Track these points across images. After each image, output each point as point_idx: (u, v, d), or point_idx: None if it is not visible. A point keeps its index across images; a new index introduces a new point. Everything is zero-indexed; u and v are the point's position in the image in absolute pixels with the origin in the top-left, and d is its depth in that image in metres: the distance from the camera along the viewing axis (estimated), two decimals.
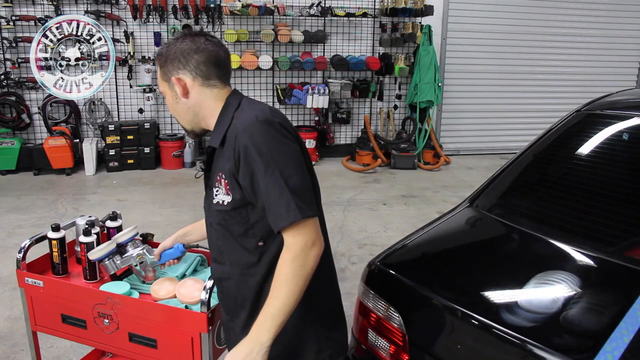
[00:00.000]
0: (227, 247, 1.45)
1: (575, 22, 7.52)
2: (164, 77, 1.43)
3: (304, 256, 1.27)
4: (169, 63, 1.40)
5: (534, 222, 1.83)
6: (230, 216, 1.39)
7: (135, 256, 1.84)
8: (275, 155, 1.27)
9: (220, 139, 1.38)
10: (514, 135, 7.46)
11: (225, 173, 1.36)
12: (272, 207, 1.28)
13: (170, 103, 1.45)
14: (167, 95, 1.45)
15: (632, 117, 1.96)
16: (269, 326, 1.26)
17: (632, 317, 1.25)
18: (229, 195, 1.37)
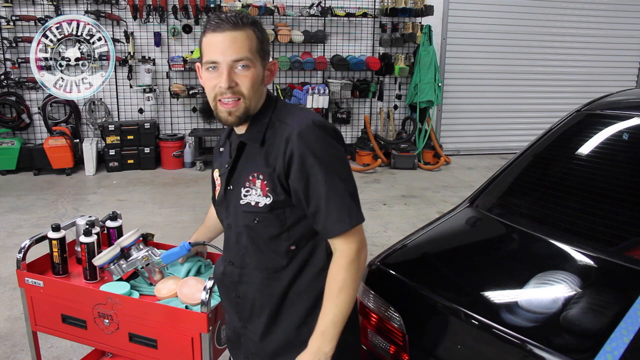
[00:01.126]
0: (253, 250, 1.39)
1: (575, 22, 7.52)
2: (261, 52, 1.31)
3: (358, 260, 1.29)
4: (266, 43, 1.33)
5: (534, 222, 1.83)
6: (265, 218, 1.34)
7: (140, 258, 1.83)
8: (333, 160, 1.29)
9: (260, 138, 1.33)
10: (514, 135, 7.47)
11: (264, 174, 1.31)
12: (332, 212, 1.27)
13: (253, 82, 1.30)
14: (253, 72, 1.29)
15: (632, 117, 1.96)
16: (331, 335, 1.27)
17: (632, 317, 1.25)
18: (267, 197, 1.32)
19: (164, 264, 1.86)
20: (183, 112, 6.65)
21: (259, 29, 1.30)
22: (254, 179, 1.33)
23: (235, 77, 1.28)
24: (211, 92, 1.32)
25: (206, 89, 1.34)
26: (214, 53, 1.28)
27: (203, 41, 1.31)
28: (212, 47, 1.28)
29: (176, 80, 6.46)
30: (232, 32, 1.26)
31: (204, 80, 1.34)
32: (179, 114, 6.65)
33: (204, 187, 5.70)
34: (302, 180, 1.27)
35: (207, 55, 1.30)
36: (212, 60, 1.29)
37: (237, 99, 1.29)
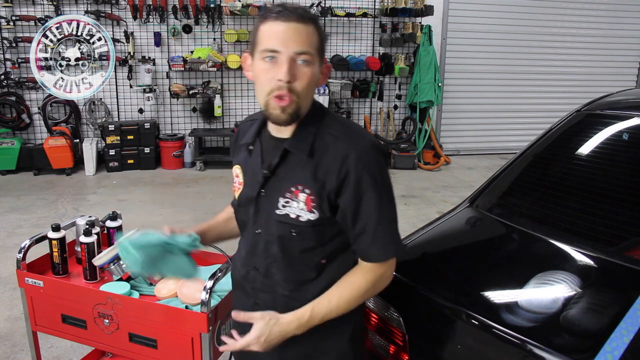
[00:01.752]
0: (283, 261, 1.32)
1: (575, 22, 7.52)
2: (320, 52, 1.23)
3: (380, 286, 1.31)
4: (325, 42, 1.26)
5: (534, 222, 1.83)
6: (304, 232, 1.28)
7: None
8: (386, 185, 1.27)
9: (307, 149, 1.25)
10: (514, 135, 7.47)
11: (311, 189, 1.24)
12: (378, 237, 1.26)
13: (310, 81, 1.22)
14: (312, 70, 1.21)
15: (632, 117, 1.96)
16: (307, 326, 1.27)
17: (632, 317, 1.25)
18: (312, 213, 1.25)
19: None
20: (183, 112, 6.65)
21: (320, 26, 1.23)
22: (297, 192, 1.26)
23: (294, 71, 1.18)
24: (266, 86, 1.21)
25: (259, 82, 1.23)
26: (274, 41, 1.17)
27: (261, 29, 1.20)
28: (274, 35, 1.18)
29: (176, 80, 6.46)
30: (296, 23, 1.17)
31: (258, 71, 1.22)
32: (179, 114, 6.65)
33: (204, 187, 5.71)
34: (354, 201, 1.24)
35: (265, 43, 1.19)
36: (272, 49, 1.17)
37: (291, 96, 1.20)
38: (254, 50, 1.22)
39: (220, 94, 6.52)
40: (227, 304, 1.78)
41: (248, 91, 6.73)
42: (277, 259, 1.32)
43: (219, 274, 1.71)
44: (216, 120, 6.67)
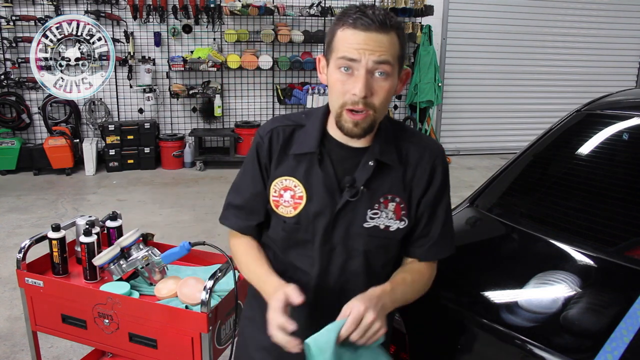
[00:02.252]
0: (365, 276, 1.25)
1: (575, 22, 7.52)
2: (401, 60, 1.16)
3: (431, 284, 1.33)
4: (406, 48, 1.20)
5: (534, 222, 1.83)
6: (392, 243, 1.25)
7: (140, 258, 1.83)
8: (449, 189, 1.31)
9: (396, 158, 1.23)
10: (514, 135, 7.46)
11: (401, 197, 1.23)
12: (445, 237, 1.29)
13: (388, 94, 1.15)
14: (390, 82, 1.14)
15: (632, 117, 1.96)
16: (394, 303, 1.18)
17: (632, 317, 1.25)
18: (401, 221, 1.23)
19: (164, 264, 1.86)
20: (183, 112, 6.65)
21: (402, 32, 1.15)
22: (386, 201, 1.22)
23: (371, 86, 1.12)
24: (340, 98, 1.14)
25: (334, 92, 1.16)
26: (352, 52, 1.10)
27: (339, 35, 1.13)
28: (353, 44, 1.10)
29: (176, 80, 6.46)
30: (378, 34, 1.09)
31: (334, 81, 1.15)
32: (179, 114, 6.65)
33: (204, 187, 5.71)
34: (432, 204, 1.26)
35: (343, 51, 1.11)
36: (350, 58, 1.10)
37: (367, 110, 1.13)
38: (330, 55, 1.16)
39: (220, 94, 6.52)
40: (227, 304, 1.78)
41: (248, 91, 6.73)
42: (358, 275, 1.25)
43: (218, 274, 1.71)
44: (216, 120, 6.67)
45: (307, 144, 1.24)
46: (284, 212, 1.25)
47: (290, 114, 1.33)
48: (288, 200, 1.24)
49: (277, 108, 6.84)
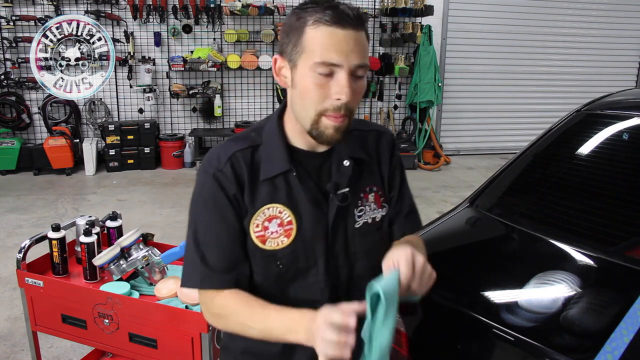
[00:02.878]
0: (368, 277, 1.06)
1: (575, 22, 7.52)
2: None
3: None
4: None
5: (534, 222, 1.83)
6: (384, 232, 1.21)
7: (140, 258, 1.84)
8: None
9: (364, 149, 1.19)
10: (514, 135, 7.46)
11: (377, 185, 1.19)
12: (415, 211, 1.28)
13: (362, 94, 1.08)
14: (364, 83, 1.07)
15: (632, 117, 1.96)
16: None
17: (632, 317, 1.25)
18: (384, 208, 1.19)
19: (164, 264, 1.86)
20: (183, 112, 6.65)
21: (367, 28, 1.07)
22: (366, 195, 1.17)
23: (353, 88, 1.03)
24: (317, 104, 1.02)
25: (308, 98, 1.03)
26: (334, 53, 0.98)
27: (310, 33, 1.00)
28: (333, 46, 0.99)
29: (176, 80, 6.46)
30: (355, 31, 1.00)
31: (309, 86, 1.02)
32: (179, 114, 6.65)
33: None
34: (400, 183, 1.25)
35: (322, 55, 0.99)
36: (331, 63, 0.99)
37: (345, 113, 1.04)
38: (298, 57, 1.02)
39: (220, 94, 6.52)
40: None
41: (248, 91, 6.73)
42: (362, 278, 1.12)
43: None
44: (216, 120, 6.67)
45: (277, 163, 1.09)
46: (274, 245, 1.09)
47: (236, 136, 1.15)
48: (276, 230, 1.09)
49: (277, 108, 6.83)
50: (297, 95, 1.05)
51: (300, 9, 1.03)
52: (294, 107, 1.08)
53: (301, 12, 1.02)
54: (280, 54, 1.07)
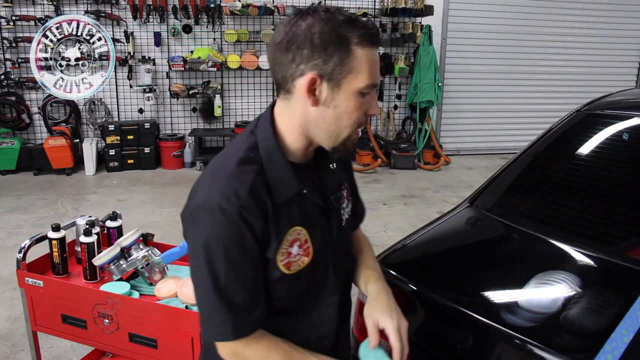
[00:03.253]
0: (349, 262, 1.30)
1: (576, 22, 7.52)
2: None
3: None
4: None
5: (534, 222, 1.83)
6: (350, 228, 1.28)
7: (140, 258, 1.83)
8: None
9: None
10: (514, 135, 7.46)
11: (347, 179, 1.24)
12: (361, 201, 1.37)
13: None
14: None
15: (632, 117, 1.96)
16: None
17: (632, 317, 1.25)
18: (350, 200, 1.25)
19: (164, 264, 1.86)
20: (183, 112, 6.65)
21: None
22: (346, 191, 1.21)
23: None
24: (356, 124, 1.02)
25: (350, 120, 1.00)
26: (377, 74, 0.99)
27: (359, 53, 0.96)
28: (375, 66, 0.98)
29: (176, 80, 6.46)
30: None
31: (353, 108, 0.99)
32: (179, 114, 6.65)
33: None
34: (352, 176, 1.31)
35: (372, 76, 0.98)
36: (376, 85, 1.00)
37: None
38: (343, 77, 0.96)
39: (220, 94, 6.52)
40: None
41: (248, 91, 6.73)
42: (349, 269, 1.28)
43: None
44: (216, 120, 6.67)
45: (288, 185, 1.04)
46: (297, 267, 1.08)
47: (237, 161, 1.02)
48: (298, 252, 1.07)
49: None
50: (331, 115, 0.99)
51: (331, 18, 0.96)
52: (320, 125, 1.01)
53: (338, 28, 0.95)
54: (316, 72, 0.96)
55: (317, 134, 1.03)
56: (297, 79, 0.98)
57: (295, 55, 0.96)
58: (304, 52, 0.95)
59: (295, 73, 0.97)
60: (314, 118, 1.01)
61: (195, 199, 1.01)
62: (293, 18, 0.99)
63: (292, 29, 0.97)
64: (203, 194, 1.00)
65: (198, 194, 1.01)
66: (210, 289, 1.01)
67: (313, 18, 0.96)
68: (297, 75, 0.97)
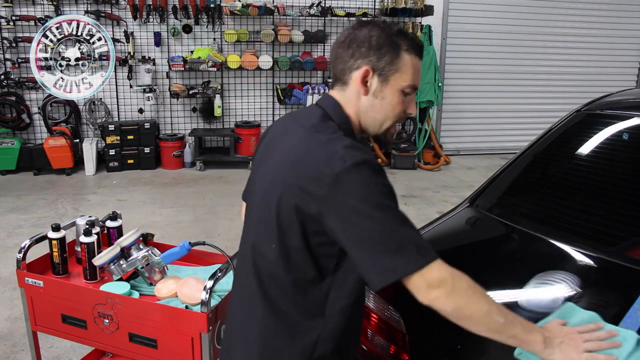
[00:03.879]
0: None
1: (576, 22, 7.52)
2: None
3: None
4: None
5: (534, 222, 1.83)
6: None
7: (140, 258, 1.83)
8: None
9: None
10: (514, 135, 7.46)
11: None
12: None
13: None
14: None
15: (632, 117, 1.96)
16: None
17: (632, 317, 1.25)
18: None
19: (164, 264, 1.86)
20: (183, 112, 6.65)
21: None
22: None
23: None
24: (397, 117, 1.22)
25: (393, 112, 1.20)
26: (418, 79, 1.21)
27: (406, 58, 1.17)
28: (418, 72, 1.21)
29: (176, 80, 6.46)
30: None
31: (396, 103, 1.19)
32: (179, 114, 6.65)
33: (204, 187, 5.71)
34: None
35: (414, 79, 1.19)
36: (416, 87, 1.21)
37: None
38: (391, 74, 1.17)
39: (220, 94, 6.52)
40: (227, 304, 1.78)
41: (248, 91, 6.73)
42: None
43: (219, 274, 1.70)
44: (216, 120, 6.67)
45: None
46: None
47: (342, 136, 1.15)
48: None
49: (277, 108, 6.84)
50: (379, 105, 1.19)
51: (387, 28, 1.17)
52: (369, 113, 1.20)
53: (392, 36, 1.16)
54: (370, 66, 1.16)
55: (365, 120, 1.22)
56: (354, 71, 1.18)
57: (354, 52, 1.17)
58: (362, 50, 1.16)
59: (353, 66, 1.18)
60: (365, 107, 1.20)
61: (333, 164, 1.06)
62: (356, 25, 1.20)
63: (355, 32, 1.18)
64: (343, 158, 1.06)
65: (335, 159, 1.07)
66: (396, 224, 1.07)
67: (372, 26, 1.18)
68: (354, 67, 1.17)
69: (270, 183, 1.17)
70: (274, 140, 1.27)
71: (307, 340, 1.16)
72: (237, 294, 1.30)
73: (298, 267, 1.13)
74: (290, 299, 1.15)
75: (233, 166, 6.42)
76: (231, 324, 1.32)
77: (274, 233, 1.13)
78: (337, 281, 1.15)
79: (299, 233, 1.11)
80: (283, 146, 1.20)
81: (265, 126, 6.81)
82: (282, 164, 1.16)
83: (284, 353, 1.17)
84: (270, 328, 1.18)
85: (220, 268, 1.74)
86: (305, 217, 1.09)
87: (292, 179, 1.11)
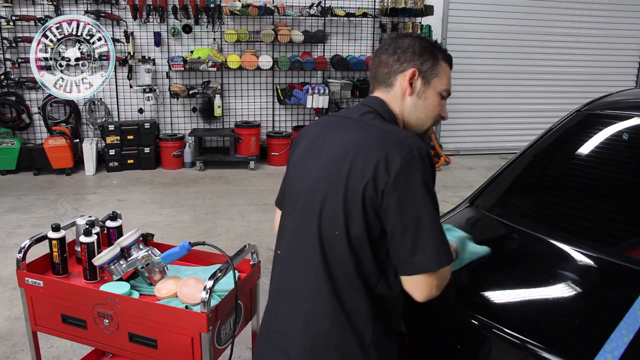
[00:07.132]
0: None
1: (576, 22, 7.53)
2: None
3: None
4: None
5: (534, 222, 1.83)
6: None
7: (140, 258, 1.83)
8: None
9: None
10: (514, 135, 7.47)
11: None
12: None
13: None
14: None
15: (632, 117, 1.96)
16: None
17: (632, 317, 1.25)
18: None
19: (164, 264, 1.86)
20: (183, 112, 6.66)
21: None
22: None
23: None
24: (434, 118, 1.37)
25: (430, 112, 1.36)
26: (450, 84, 1.38)
27: (444, 67, 1.36)
28: (450, 79, 1.38)
29: (176, 80, 6.46)
30: None
31: (435, 104, 1.35)
32: (179, 114, 6.65)
33: (204, 187, 5.71)
34: None
35: (449, 84, 1.38)
36: (450, 92, 1.38)
37: None
38: (432, 78, 1.33)
39: (220, 94, 6.52)
40: (227, 304, 1.78)
41: (248, 91, 6.73)
42: None
43: (218, 274, 1.70)
44: (216, 120, 6.67)
45: None
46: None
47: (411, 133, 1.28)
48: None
49: (277, 108, 6.84)
50: (422, 105, 1.34)
51: (426, 39, 1.37)
52: (413, 112, 1.34)
53: (430, 46, 1.36)
54: (416, 68, 1.32)
55: (409, 119, 1.35)
56: (400, 74, 1.32)
57: (400, 57, 1.32)
58: (407, 55, 1.32)
59: (399, 69, 1.32)
60: (409, 106, 1.34)
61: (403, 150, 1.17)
62: (397, 36, 1.37)
63: (398, 41, 1.35)
64: (410, 147, 1.18)
65: (403, 147, 1.18)
66: (437, 223, 1.19)
67: (412, 37, 1.35)
68: (400, 70, 1.32)
69: (330, 173, 1.23)
70: (322, 136, 1.32)
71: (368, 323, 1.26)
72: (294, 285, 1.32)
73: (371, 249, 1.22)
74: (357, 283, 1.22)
75: (233, 166, 6.42)
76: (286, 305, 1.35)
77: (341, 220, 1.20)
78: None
79: (362, 219, 1.19)
80: (336, 138, 1.28)
81: (265, 126, 6.81)
82: (345, 148, 1.23)
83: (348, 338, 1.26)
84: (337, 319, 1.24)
85: (220, 268, 1.73)
86: (370, 201, 1.18)
87: (359, 164, 1.19)
